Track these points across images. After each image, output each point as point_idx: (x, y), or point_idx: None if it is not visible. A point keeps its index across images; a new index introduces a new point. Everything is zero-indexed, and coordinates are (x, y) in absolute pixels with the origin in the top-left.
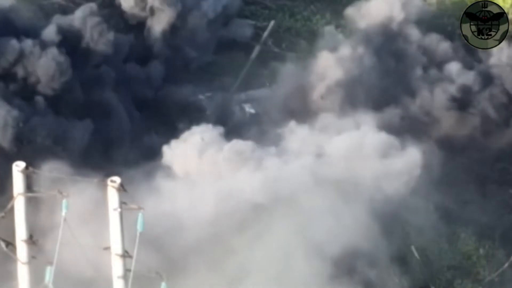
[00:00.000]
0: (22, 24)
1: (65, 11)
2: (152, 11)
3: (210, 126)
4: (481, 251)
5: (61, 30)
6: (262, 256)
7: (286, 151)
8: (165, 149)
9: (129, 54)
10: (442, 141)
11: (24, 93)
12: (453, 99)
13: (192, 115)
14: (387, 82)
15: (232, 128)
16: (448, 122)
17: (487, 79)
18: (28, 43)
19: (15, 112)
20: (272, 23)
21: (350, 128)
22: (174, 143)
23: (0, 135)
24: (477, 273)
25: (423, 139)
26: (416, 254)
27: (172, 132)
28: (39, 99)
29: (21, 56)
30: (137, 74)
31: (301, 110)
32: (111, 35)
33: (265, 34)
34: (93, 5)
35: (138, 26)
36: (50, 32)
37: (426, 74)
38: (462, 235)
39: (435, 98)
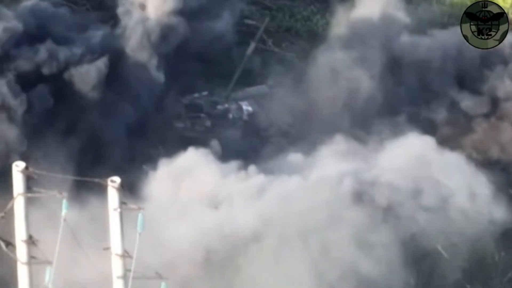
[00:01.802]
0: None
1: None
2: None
3: (210, 149)
4: (497, 257)
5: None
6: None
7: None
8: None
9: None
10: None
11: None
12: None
13: (188, 115)
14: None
15: (230, 139)
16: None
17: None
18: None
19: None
20: (266, 20)
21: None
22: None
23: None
24: (488, 278)
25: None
26: (444, 253)
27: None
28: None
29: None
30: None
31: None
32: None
33: (260, 30)
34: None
35: None
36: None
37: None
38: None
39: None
